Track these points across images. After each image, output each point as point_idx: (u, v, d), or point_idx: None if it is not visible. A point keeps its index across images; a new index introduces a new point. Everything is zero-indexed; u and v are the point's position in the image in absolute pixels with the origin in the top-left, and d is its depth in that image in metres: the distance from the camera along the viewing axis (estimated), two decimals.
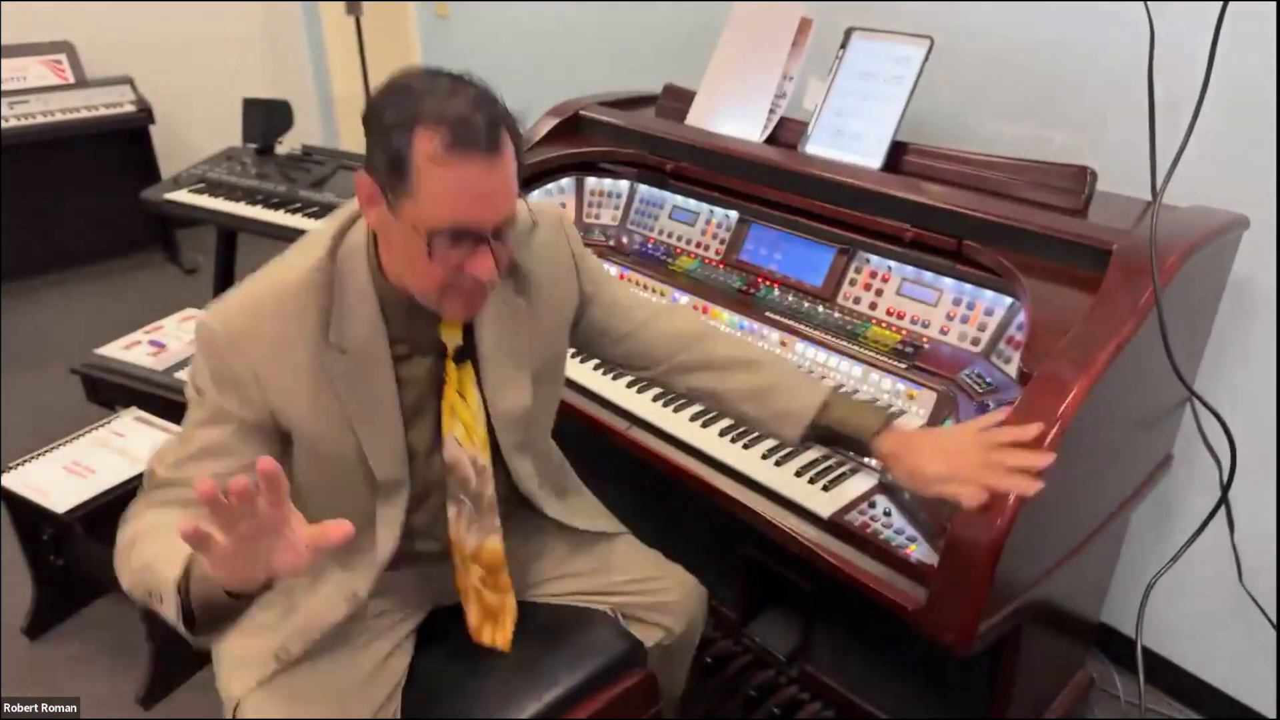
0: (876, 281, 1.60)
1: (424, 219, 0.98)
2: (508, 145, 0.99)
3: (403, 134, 0.95)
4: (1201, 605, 1.84)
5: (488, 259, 1.01)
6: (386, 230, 1.05)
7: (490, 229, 1.00)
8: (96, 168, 4.02)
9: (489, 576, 1.27)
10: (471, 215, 0.98)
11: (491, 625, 1.29)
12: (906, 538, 1.25)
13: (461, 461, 1.19)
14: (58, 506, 1.77)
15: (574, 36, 2.98)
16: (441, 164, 0.95)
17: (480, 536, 1.24)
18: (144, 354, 2.24)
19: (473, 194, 0.97)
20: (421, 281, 1.05)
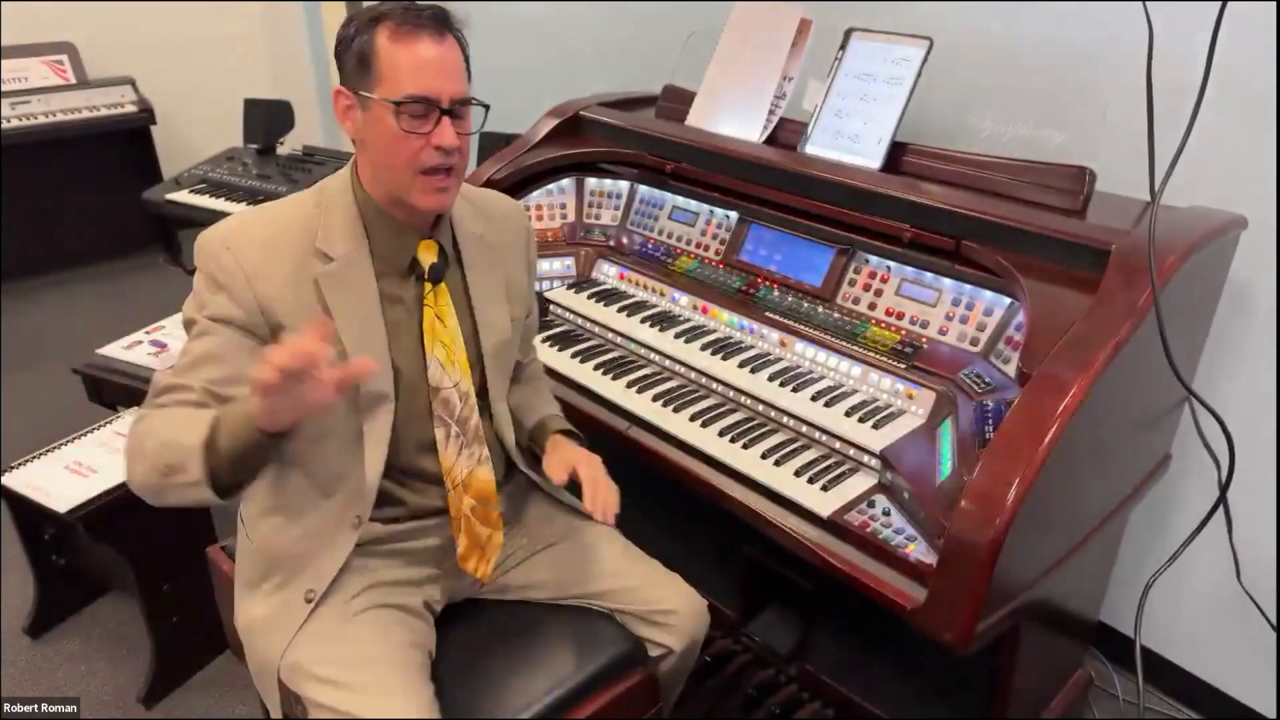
0: (876, 282, 1.60)
1: (390, 93, 1.13)
2: (455, 37, 1.16)
3: (365, 34, 1.14)
4: (1200, 605, 1.84)
5: (448, 128, 1.14)
6: (362, 131, 1.17)
7: (446, 100, 1.13)
8: (98, 168, 4.03)
9: (479, 508, 1.32)
10: (428, 84, 1.12)
11: (477, 556, 1.33)
12: (906, 537, 1.26)
13: (444, 381, 1.27)
14: (59, 506, 1.77)
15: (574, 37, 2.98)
16: (396, 42, 1.12)
17: (470, 464, 1.31)
18: (145, 354, 2.25)
19: (427, 66, 1.13)
20: (396, 166, 1.16)
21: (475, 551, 1.33)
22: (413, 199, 1.18)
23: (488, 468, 1.33)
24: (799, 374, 1.57)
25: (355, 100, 1.17)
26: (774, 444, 1.47)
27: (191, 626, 1.94)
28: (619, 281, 1.93)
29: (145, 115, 3.88)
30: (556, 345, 1.79)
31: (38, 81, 3.75)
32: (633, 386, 1.64)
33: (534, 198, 2.01)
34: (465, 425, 1.30)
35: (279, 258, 1.17)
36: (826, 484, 1.37)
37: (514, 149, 2.00)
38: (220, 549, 1.53)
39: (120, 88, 3.88)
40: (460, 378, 1.28)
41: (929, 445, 1.35)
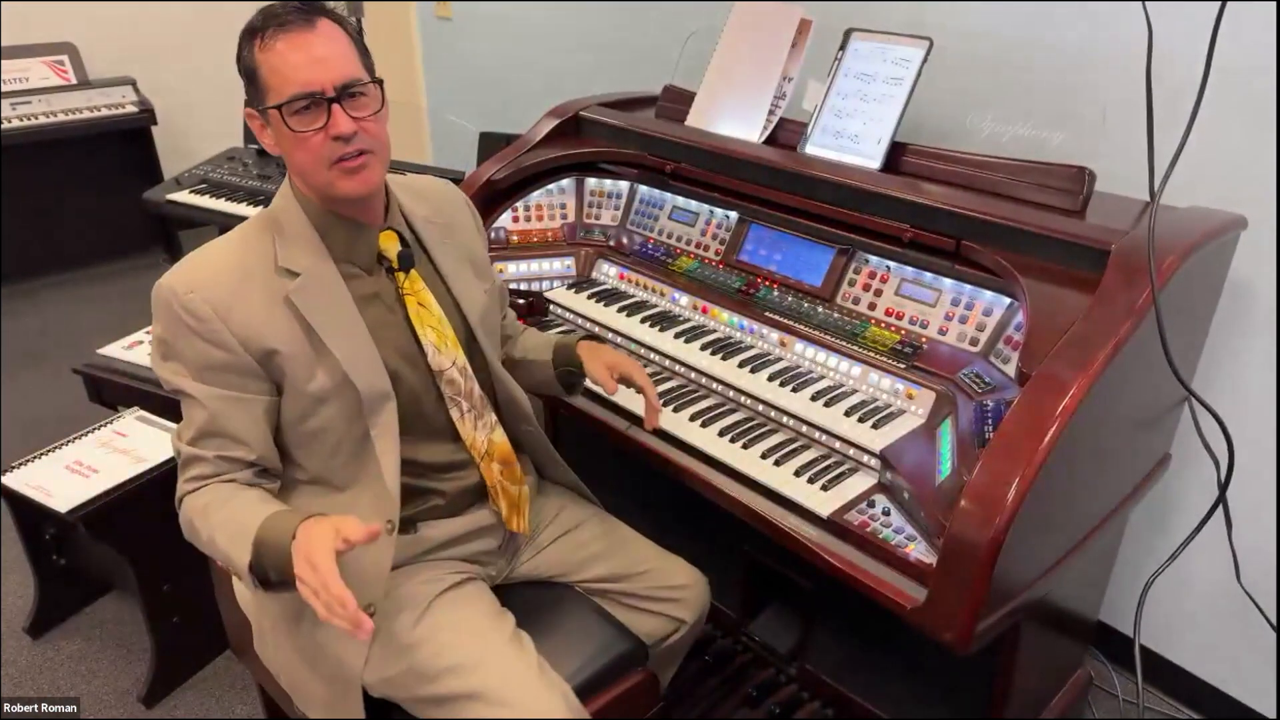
0: (876, 282, 1.61)
1: (278, 100, 1.12)
2: (327, 22, 1.15)
3: (245, 50, 1.15)
4: (1200, 604, 1.84)
5: (340, 116, 1.13)
6: (276, 145, 1.18)
7: (330, 89, 1.12)
8: (98, 168, 4.03)
9: (505, 469, 1.37)
10: (305, 79, 1.12)
11: (517, 515, 1.39)
12: (906, 537, 1.26)
13: (444, 365, 1.29)
14: (60, 506, 1.77)
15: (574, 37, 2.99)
16: (266, 49, 1.12)
17: (487, 432, 1.35)
18: (145, 354, 2.25)
19: (299, 62, 1.12)
20: (310, 166, 1.16)
21: (514, 511, 1.39)
22: (335, 189, 1.18)
23: (500, 430, 1.38)
24: (799, 374, 1.57)
25: (259, 117, 1.18)
26: (774, 444, 1.47)
27: (191, 626, 1.95)
28: (619, 281, 1.93)
29: (145, 115, 3.88)
30: None
31: (38, 81, 3.75)
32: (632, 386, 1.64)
33: (534, 198, 2.01)
34: (472, 398, 1.33)
35: (246, 286, 1.17)
36: (826, 484, 1.37)
37: (514, 149, 2.00)
38: None
39: (120, 88, 3.88)
40: (456, 355, 1.31)
41: (929, 445, 1.36)
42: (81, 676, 2.01)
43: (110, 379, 2.22)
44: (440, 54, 3.71)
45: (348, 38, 1.17)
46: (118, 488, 1.82)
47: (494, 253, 1.94)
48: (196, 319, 1.14)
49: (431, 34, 3.71)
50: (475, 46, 3.47)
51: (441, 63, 3.73)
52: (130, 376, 2.19)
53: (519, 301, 1.91)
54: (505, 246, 1.97)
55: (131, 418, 2.07)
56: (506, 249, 1.96)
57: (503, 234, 1.98)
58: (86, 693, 1.97)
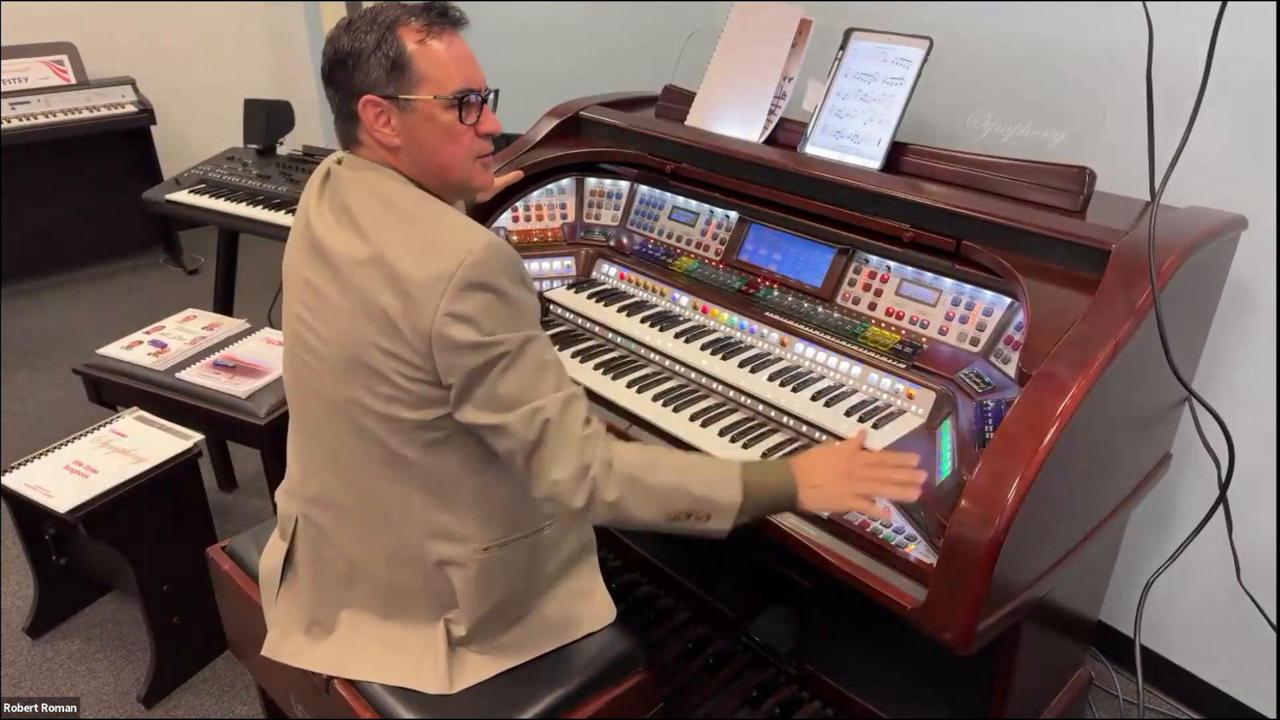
0: (876, 282, 1.61)
1: (440, 90, 1.14)
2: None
3: (390, 40, 1.13)
4: (1200, 604, 1.84)
5: (490, 117, 1.20)
6: (409, 132, 1.16)
7: (486, 87, 1.19)
8: (98, 168, 4.03)
9: None
10: (471, 77, 1.17)
11: None
12: (906, 537, 1.26)
13: None
14: (60, 506, 1.77)
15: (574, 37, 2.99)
16: (429, 42, 1.14)
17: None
18: (145, 354, 2.25)
19: (466, 60, 1.17)
20: (456, 157, 1.19)
21: None
22: (475, 182, 1.23)
23: None
24: (799, 374, 1.57)
25: (391, 105, 1.14)
26: (774, 444, 1.47)
27: (191, 626, 1.95)
28: (619, 281, 1.93)
29: (145, 115, 3.88)
30: (557, 345, 1.79)
31: (38, 81, 3.75)
32: (633, 386, 1.64)
33: (534, 198, 2.01)
34: None
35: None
36: None
37: (514, 149, 2.00)
38: (220, 549, 1.53)
39: (120, 88, 3.88)
40: None
41: (929, 445, 1.36)
42: (81, 676, 2.01)
43: (110, 379, 2.22)
44: None
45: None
46: (117, 488, 1.82)
47: None
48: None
49: None
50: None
51: None
52: (130, 376, 2.19)
53: None
54: None
55: (131, 418, 2.07)
56: None
57: (503, 234, 1.98)
58: (86, 693, 1.97)
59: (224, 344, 2.32)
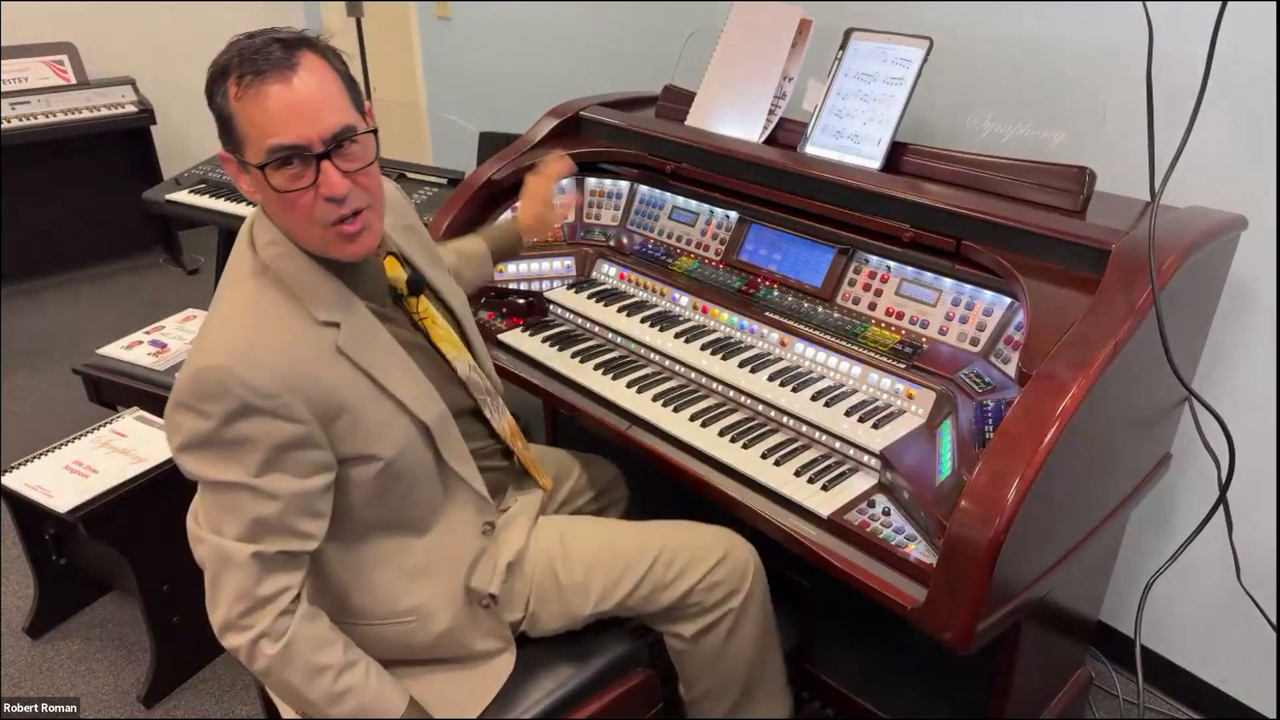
0: (876, 282, 1.61)
1: (255, 156, 1.00)
2: (311, 61, 1.01)
3: (218, 93, 1.01)
4: (1200, 604, 1.84)
5: (331, 173, 1.01)
6: (255, 194, 1.07)
7: (317, 144, 1.00)
8: (98, 168, 4.03)
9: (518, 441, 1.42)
10: (289, 133, 0.99)
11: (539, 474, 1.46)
12: (906, 537, 1.26)
13: (465, 371, 1.31)
14: (60, 506, 1.77)
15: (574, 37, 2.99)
16: (244, 98, 0.98)
17: (503, 414, 1.39)
18: (145, 354, 2.25)
19: (280, 113, 0.98)
20: (298, 224, 1.06)
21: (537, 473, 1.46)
22: (332, 253, 1.08)
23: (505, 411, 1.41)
24: (799, 374, 1.57)
25: (234, 162, 1.06)
26: (774, 444, 1.47)
27: (191, 626, 1.94)
28: (619, 281, 1.93)
29: (145, 115, 3.87)
30: (556, 345, 1.79)
31: (38, 81, 3.75)
32: (633, 386, 1.64)
33: None
34: (484, 389, 1.35)
35: (295, 357, 1.05)
36: (826, 484, 1.37)
37: (514, 149, 2.00)
38: None
39: (120, 88, 3.88)
40: (466, 356, 1.33)
41: (929, 445, 1.36)
42: (81, 676, 2.01)
43: (110, 379, 2.22)
44: (440, 54, 3.71)
45: (336, 75, 1.03)
46: (117, 488, 1.82)
47: None
48: (266, 397, 1.01)
49: (431, 34, 3.71)
50: (475, 46, 3.47)
51: (441, 63, 3.73)
52: (130, 376, 2.19)
53: (518, 301, 1.91)
54: None
55: (131, 418, 2.07)
56: None
57: None
58: (86, 693, 1.97)
59: None
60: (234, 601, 1.07)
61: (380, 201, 1.11)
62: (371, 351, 1.13)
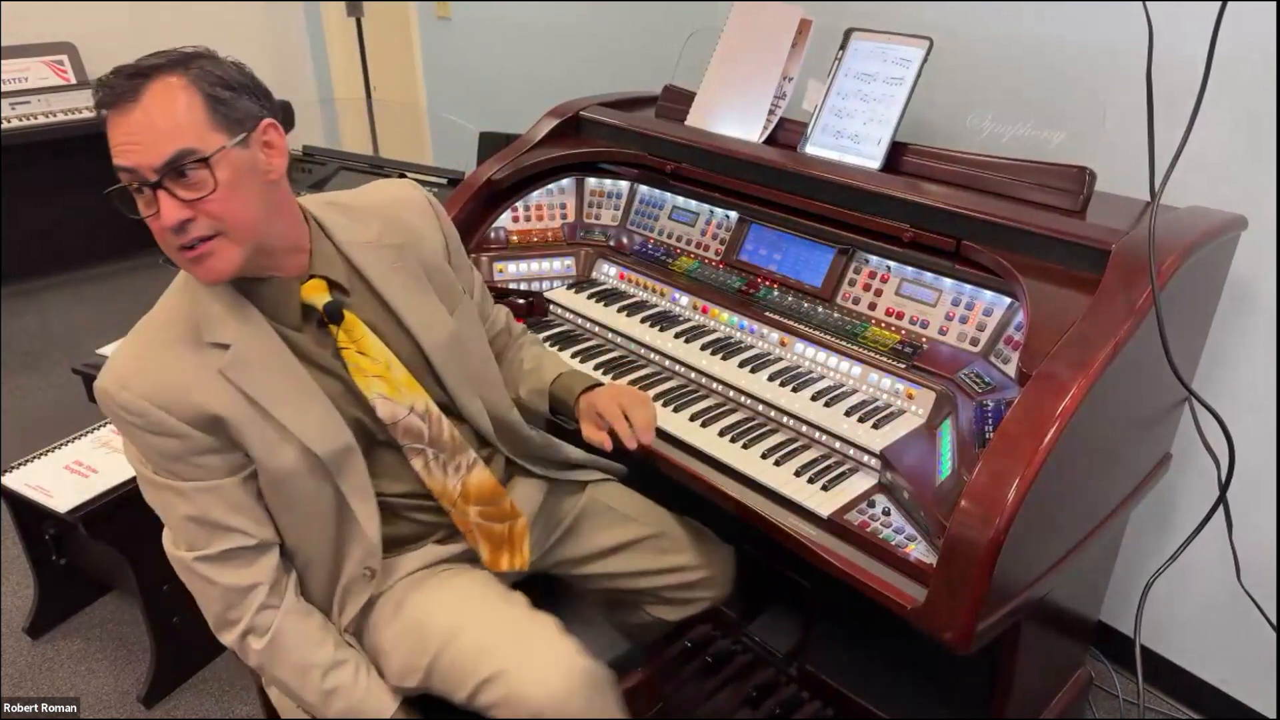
0: (876, 282, 1.60)
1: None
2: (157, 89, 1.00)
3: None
4: (1200, 604, 1.84)
5: (166, 206, 1.00)
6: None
7: (150, 173, 0.99)
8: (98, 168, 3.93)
9: (487, 509, 1.28)
10: (123, 161, 1.00)
11: (507, 552, 1.31)
12: (906, 537, 1.26)
13: (398, 414, 1.19)
14: (60, 506, 1.77)
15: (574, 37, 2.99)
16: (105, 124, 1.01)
17: (462, 475, 1.26)
18: None
19: (118, 143, 1.00)
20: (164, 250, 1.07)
21: (503, 549, 1.31)
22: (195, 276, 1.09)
23: (481, 468, 1.28)
24: (799, 374, 1.57)
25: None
26: (774, 444, 1.47)
27: (191, 626, 1.93)
28: (619, 281, 1.93)
29: None
30: (557, 345, 1.79)
31: (38, 81, 3.75)
32: (633, 386, 1.64)
33: (534, 198, 2.01)
34: (440, 442, 1.23)
35: (171, 371, 1.08)
36: (826, 484, 1.37)
37: (514, 149, 2.00)
38: None
39: None
40: (414, 399, 1.21)
41: (929, 445, 1.36)
42: (81, 676, 2.01)
43: None
44: (440, 54, 3.71)
45: (196, 100, 1.01)
46: (117, 488, 1.82)
47: (494, 252, 1.94)
48: (137, 415, 1.07)
49: (431, 34, 3.71)
50: (475, 46, 3.47)
51: (441, 63, 3.73)
52: None
53: (518, 301, 1.91)
54: (505, 246, 1.97)
55: None
56: (506, 249, 1.96)
57: (503, 234, 1.98)
58: (86, 693, 1.97)
59: None
60: (211, 603, 1.16)
61: (242, 227, 1.05)
62: (261, 376, 1.11)
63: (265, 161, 1.07)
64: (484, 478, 1.29)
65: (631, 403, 1.32)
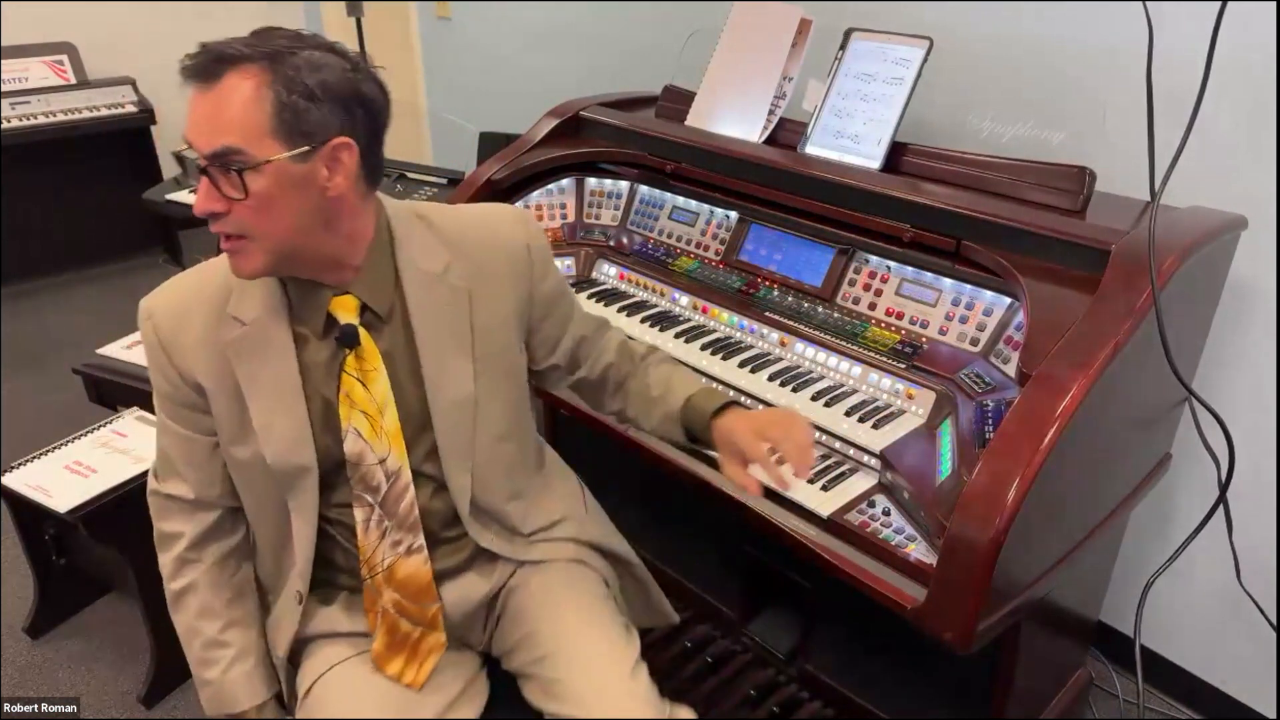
0: (876, 282, 1.60)
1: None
2: (229, 82, 0.97)
3: None
4: (1200, 605, 1.84)
5: (201, 191, 1.00)
6: None
7: (203, 155, 0.98)
8: (98, 168, 4.03)
9: (407, 603, 1.17)
10: (186, 135, 1.00)
11: (403, 659, 1.17)
12: (906, 537, 1.26)
13: (365, 456, 1.11)
14: (60, 506, 1.77)
15: (574, 37, 2.99)
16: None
17: (394, 553, 1.15)
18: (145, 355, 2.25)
19: (190, 119, 0.99)
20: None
21: (401, 653, 1.17)
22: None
23: (420, 559, 1.16)
24: (799, 374, 1.57)
25: None
26: None
27: None
28: (619, 281, 1.93)
29: (145, 115, 3.87)
30: None
31: (38, 81, 3.75)
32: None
33: (534, 198, 2.01)
34: (392, 508, 1.14)
35: (191, 319, 1.11)
36: (827, 484, 1.37)
37: (514, 149, 2.00)
38: None
39: (120, 88, 3.88)
40: (388, 452, 1.12)
41: (929, 445, 1.35)
42: (81, 676, 2.01)
43: (110, 379, 2.22)
44: (440, 54, 3.71)
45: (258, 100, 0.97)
46: (117, 488, 1.82)
47: None
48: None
49: (431, 34, 3.71)
50: (475, 46, 3.47)
51: (441, 63, 3.73)
52: (130, 376, 2.19)
53: None
54: None
55: (131, 418, 2.07)
56: None
57: None
58: (86, 693, 1.97)
59: None
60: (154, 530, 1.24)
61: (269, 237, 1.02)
62: (256, 367, 1.09)
63: (325, 178, 1.02)
64: (419, 572, 1.17)
65: (781, 432, 1.12)
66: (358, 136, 1.03)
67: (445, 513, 1.20)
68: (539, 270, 1.23)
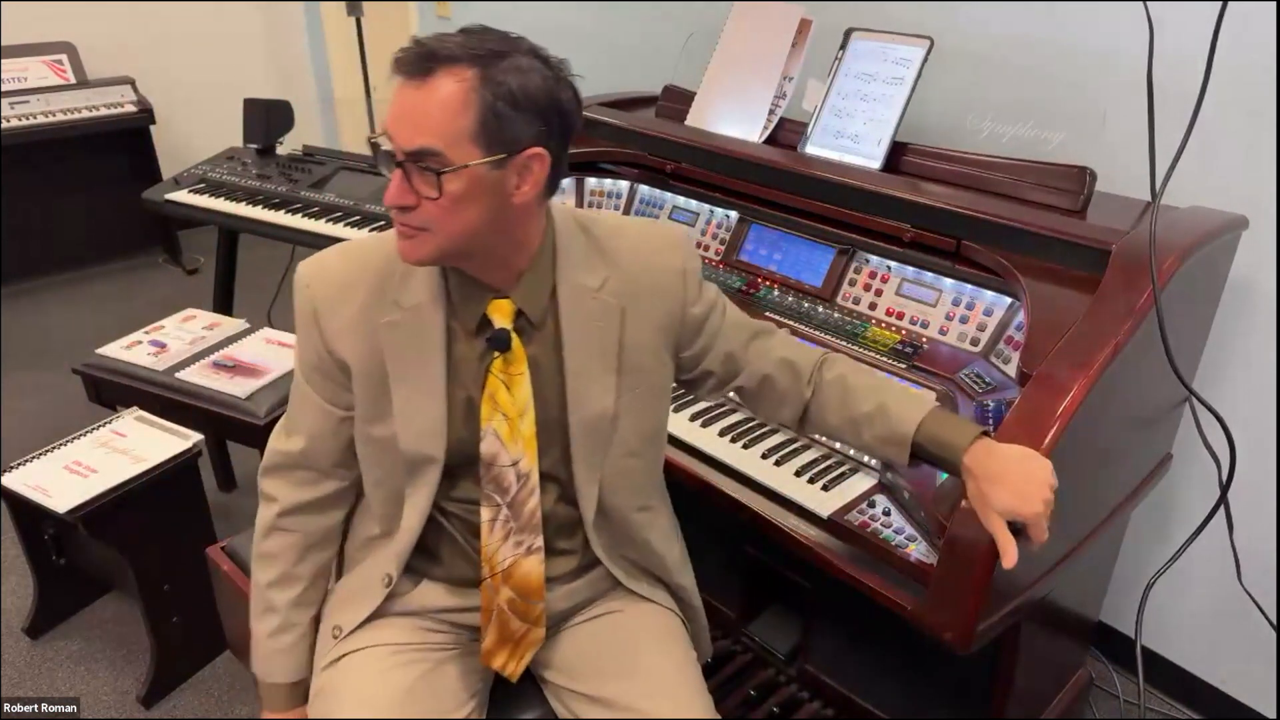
0: (876, 282, 1.60)
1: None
2: (438, 81, 0.97)
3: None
4: (1201, 605, 1.84)
5: (393, 184, 1.00)
6: None
7: (399, 150, 0.98)
8: (97, 168, 4.03)
9: (519, 601, 1.18)
10: (388, 127, 1.00)
11: (507, 653, 1.20)
12: (906, 537, 1.26)
13: (499, 458, 1.12)
14: (59, 506, 1.77)
15: (574, 37, 2.98)
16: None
17: (515, 553, 1.16)
18: (145, 354, 2.25)
19: (394, 111, 0.99)
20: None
21: (506, 647, 1.20)
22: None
23: (537, 559, 1.17)
24: None
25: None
26: (774, 444, 1.47)
27: (191, 626, 1.95)
28: None
29: (145, 115, 3.87)
30: None
31: (37, 81, 3.75)
32: None
33: None
34: (518, 509, 1.15)
35: (347, 300, 1.11)
36: (827, 484, 1.37)
37: None
38: (220, 549, 1.52)
39: (120, 88, 3.88)
40: (522, 456, 1.13)
41: None
42: (81, 676, 2.01)
43: (109, 379, 2.22)
44: None
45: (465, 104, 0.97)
46: (117, 488, 1.82)
47: None
48: (302, 313, 1.13)
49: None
50: None
51: None
52: (129, 376, 2.19)
53: None
54: None
55: (131, 418, 2.07)
56: None
57: None
58: (86, 693, 1.97)
59: (224, 344, 2.32)
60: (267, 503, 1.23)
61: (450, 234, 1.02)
62: (406, 352, 1.10)
63: (514, 185, 1.03)
64: (534, 571, 1.17)
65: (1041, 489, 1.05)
66: (551, 147, 1.05)
67: (563, 517, 1.21)
68: (691, 295, 1.21)
